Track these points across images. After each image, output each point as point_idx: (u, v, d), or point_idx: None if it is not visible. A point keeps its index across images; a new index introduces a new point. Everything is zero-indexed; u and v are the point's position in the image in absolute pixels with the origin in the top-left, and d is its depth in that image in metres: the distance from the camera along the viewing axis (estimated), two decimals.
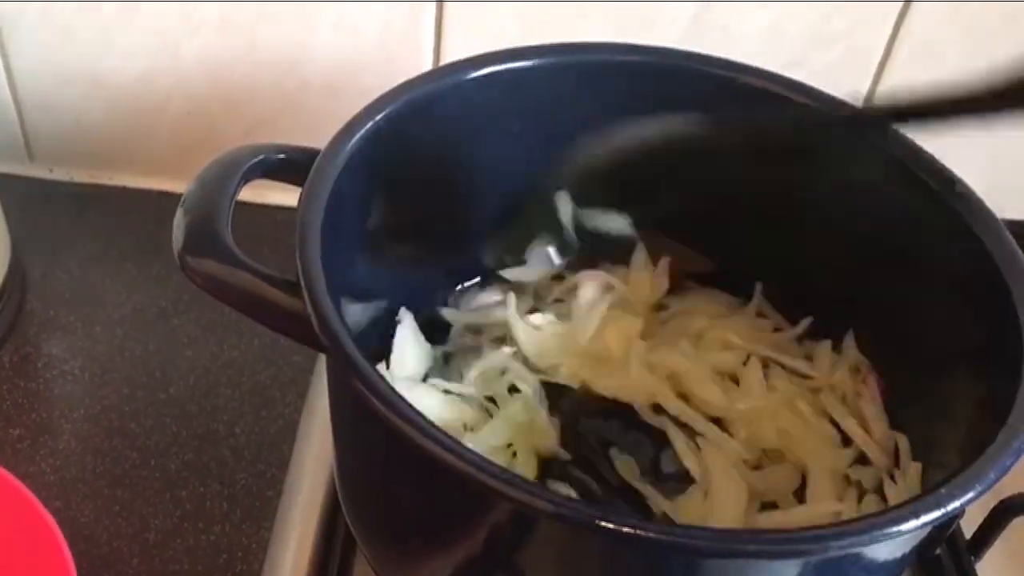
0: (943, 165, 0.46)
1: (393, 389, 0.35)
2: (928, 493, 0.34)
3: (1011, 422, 0.36)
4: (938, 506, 0.34)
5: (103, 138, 0.70)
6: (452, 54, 0.61)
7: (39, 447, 0.57)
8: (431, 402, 0.49)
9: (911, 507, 0.34)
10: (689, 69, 0.50)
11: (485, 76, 0.47)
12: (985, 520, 0.51)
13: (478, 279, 0.56)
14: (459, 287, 0.56)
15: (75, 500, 0.54)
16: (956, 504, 0.34)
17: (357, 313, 0.46)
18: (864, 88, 0.63)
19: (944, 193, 0.45)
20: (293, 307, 0.38)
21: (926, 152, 0.47)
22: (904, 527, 0.34)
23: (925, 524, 0.34)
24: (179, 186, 0.44)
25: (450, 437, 0.34)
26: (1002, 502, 0.50)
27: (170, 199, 0.45)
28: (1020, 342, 0.40)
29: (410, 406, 0.35)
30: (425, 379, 0.51)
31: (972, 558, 0.53)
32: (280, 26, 0.63)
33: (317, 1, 0.62)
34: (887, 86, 0.63)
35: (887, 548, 0.40)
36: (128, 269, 0.66)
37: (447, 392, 0.50)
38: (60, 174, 0.72)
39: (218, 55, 0.65)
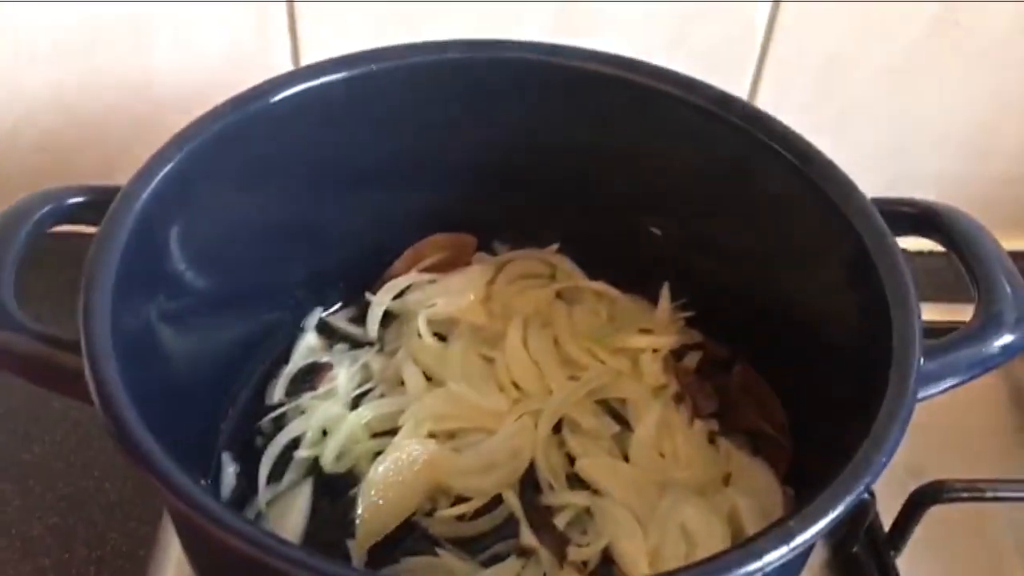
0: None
1: (179, 469, 0.32)
2: (776, 526, 0.31)
3: (856, 459, 0.34)
4: (785, 541, 0.30)
5: None
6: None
7: None
8: None
9: (756, 544, 0.31)
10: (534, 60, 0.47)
11: (299, 93, 0.44)
12: (901, 511, 0.48)
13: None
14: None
15: None
16: (805, 537, 0.31)
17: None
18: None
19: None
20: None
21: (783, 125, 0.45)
22: (749, 567, 0.30)
23: (769, 563, 0.30)
24: None
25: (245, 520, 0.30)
26: (916, 491, 0.48)
27: None
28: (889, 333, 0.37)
29: (196, 486, 0.31)
30: None
31: (892, 552, 0.50)
32: (117, 49, 0.59)
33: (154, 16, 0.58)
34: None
35: None
36: None
37: None
38: None
39: (61, 83, 0.61)
